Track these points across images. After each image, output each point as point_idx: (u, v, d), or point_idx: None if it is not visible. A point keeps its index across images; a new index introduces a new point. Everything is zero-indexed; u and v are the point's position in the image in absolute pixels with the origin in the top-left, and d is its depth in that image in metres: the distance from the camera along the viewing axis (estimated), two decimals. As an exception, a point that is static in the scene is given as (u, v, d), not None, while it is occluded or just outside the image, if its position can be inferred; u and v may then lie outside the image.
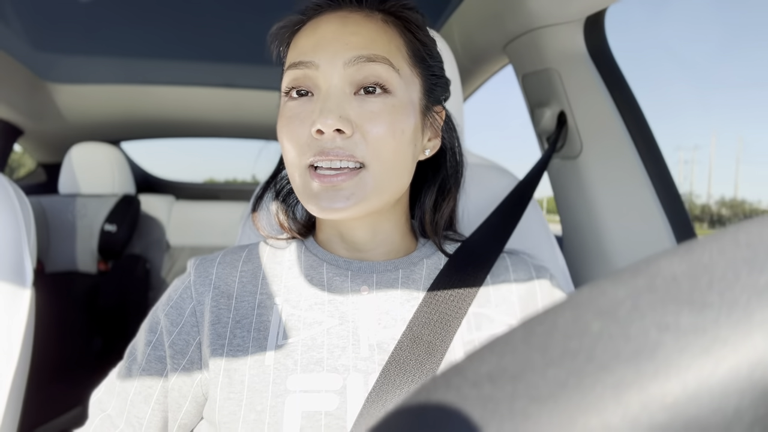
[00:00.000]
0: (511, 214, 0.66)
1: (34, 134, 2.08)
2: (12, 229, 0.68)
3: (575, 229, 1.01)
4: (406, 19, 0.51)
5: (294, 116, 0.48)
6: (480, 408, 0.13)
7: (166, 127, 2.31)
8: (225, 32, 1.48)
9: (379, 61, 0.47)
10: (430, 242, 0.59)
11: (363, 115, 0.46)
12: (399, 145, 0.47)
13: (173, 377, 0.50)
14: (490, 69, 1.27)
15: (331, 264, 0.54)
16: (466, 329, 0.51)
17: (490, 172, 0.82)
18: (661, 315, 0.13)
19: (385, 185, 0.48)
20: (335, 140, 0.45)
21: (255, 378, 0.47)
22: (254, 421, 0.45)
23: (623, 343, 0.13)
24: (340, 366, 0.47)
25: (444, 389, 0.14)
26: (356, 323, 0.50)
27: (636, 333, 0.13)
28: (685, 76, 33.65)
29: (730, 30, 35.24)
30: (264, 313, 0.51)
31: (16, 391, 0.65)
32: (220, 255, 0.57)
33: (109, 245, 1.82)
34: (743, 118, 41.18)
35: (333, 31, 0.48)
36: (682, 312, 0.13)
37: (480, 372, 0.14)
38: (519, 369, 0.13)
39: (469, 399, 0.13)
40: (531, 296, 0.55)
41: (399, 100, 0.48)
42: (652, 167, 0.86)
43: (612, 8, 0.83)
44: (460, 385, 0.14)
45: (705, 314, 0.13)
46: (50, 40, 1.52)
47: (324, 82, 0.47)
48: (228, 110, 2.11)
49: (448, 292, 0.51)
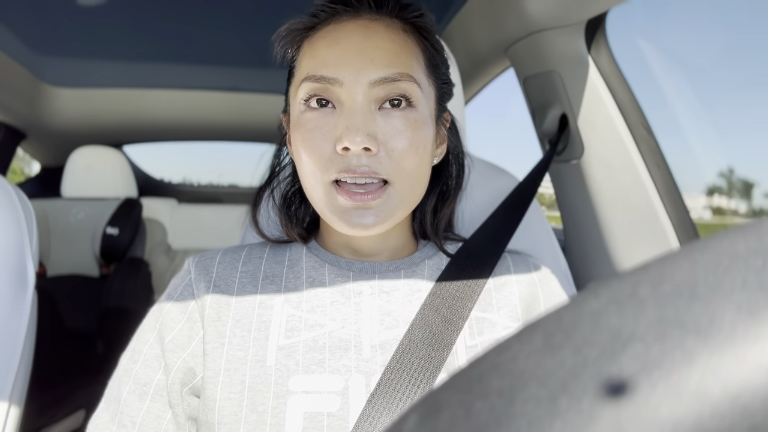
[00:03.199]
0: (512, 214, 0.66)
1: (36, 138, 2.09)
2: (14, 232, 0.68)
3: (577, 230, 1.00)
4: (424, 28, 0.51)
5: (315, 129, 0.47)
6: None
7: (169, 130, 2.32)
8: (228, 35, 1.49)
9: (404, 80, 0.47)
10: (430, 243, 0.59)
11: (388, 132, 0.46)
12: (421, 159, 0.48)
13: (173, 372, 0.49)
14: (491, 72, 1.27)
15: (333, 265, 0.54)
16: (468, 334, 0.50)
17: (492, 174, 0.82)
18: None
19: (407, 199, 0.48)
20: (361, 158, 0.45)
21: (256, 378, 0.47)
22: (256, 422, 0.45)
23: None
24: (342, 367, 0.47)
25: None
26: (358, 324, 0.50)
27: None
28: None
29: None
30: (265, 313, 0.51)
31: (18, 393, 0.65)
32: (219, 254, 0.56)
33: (111, 248, 1.82)
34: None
35: (356, 43, 0.47)
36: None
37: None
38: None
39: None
40: (533, 297, 0.55)
41: (420, 114, 0.48)
42: (655, 169, 0.86)
43: (614, 11, 0.83)
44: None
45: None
46: (53, 43, 1.53)
47: (348, 98, 0.46)
48: (231, 114, 2.12)
49: (450, 294, 0.51)
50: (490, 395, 0.13)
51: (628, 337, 0.13)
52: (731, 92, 2.02)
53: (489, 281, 0.54)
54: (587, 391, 0.12)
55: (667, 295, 0.13)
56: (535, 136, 1.06)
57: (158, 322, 0.52)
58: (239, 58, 1.66)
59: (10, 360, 0.64)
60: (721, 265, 0.14)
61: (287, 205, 0.59)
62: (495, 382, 0.13)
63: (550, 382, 0.13)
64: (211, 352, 0.49)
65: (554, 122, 0.96)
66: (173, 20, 1.39)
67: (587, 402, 0.12)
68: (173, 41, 1.55)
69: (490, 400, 0.13)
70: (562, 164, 0.99)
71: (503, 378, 0.13)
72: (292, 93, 0.52)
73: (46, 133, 2.08)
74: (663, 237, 0.85)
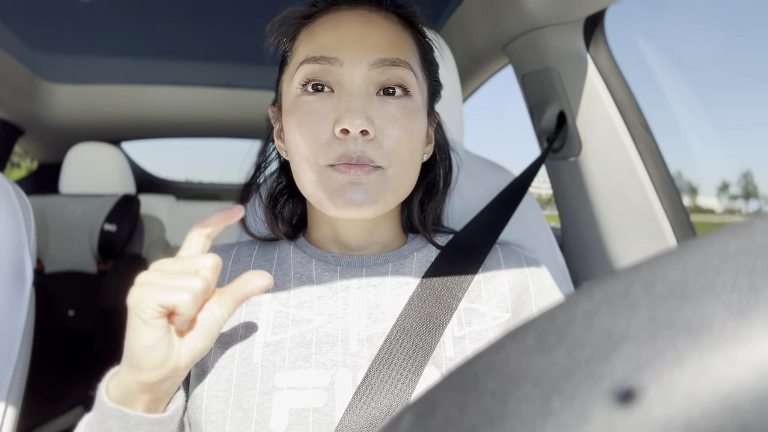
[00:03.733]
0: (504, 207, 0.66)
1: (34, 134, 2.08)
2: (12, 229, 0.68)
3: (575, 228, 1.01)
4: (418, 25, 0.53)
5: (312, 111, 0.47)
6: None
7: (166, 127, 2.31)
8: (225, 32, 1.48)
9: (401, 65, 0.48)
10: (420, 236, 0.59)
11: (384, 117, 0.47)
12: (414, 147, 0.49)
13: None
14: (489, 69, 1.27)
15: (320, 260, 0.54)
16: (456, 324, 0.50)
17: (488, 170, 0.83)
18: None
19: (399, 186, 0.49)
20: (358, 142, 0.45)
21: (242, 376, 0.47)
22: (241, 419, 0.45)
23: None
24: (328, 362, 0.47)
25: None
26: (346, 319, 0.50)
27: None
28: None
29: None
30: (252, 311, 0.51)
31: (15, 390, 0.65)
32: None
33: (109, 245, 1.82)
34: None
35: (356, 30, 0.48)
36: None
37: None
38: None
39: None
40: (524, 289, 0.54)
41: (415, 103, 0.49)
42: (652, 167, 0.86)
43: (612, 8, 0.83)
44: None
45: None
46: (50, 40, 1.52)
47: (347, 79, 0.47)
48: (228, 110, 2.11)
49: (439, 284, 0.51)
50: (484, 395, 0.13)
51: (620, 338, 0.13)
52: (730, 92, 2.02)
53: (479, 274, 0.54)
54: (580, 392, 0.12)
55: (659, 296, 0.13)
56: (532, 134, 1.07)
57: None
58: (236, 55, 1.66)
59: (8, 357, 0.64)
60: (712, 266, 0.14)
61: (273, 204, 0.59)
62: (489, 382, 0.14)
63: (542, 382, 0.13)
64: None
65: (552, 120, 0.96)
66: (170, 17, 1.38)
67: (579, 402, 0.12)
68: (170, 38, 1.54)
69: (483, 401, 0.13)
70: (559, 162, 0.99)
71: (497, 378, 0.13)
72: (286, 80, 0.52)
73: (44, 129, 2.07)
74: (660, 234, 0.85)
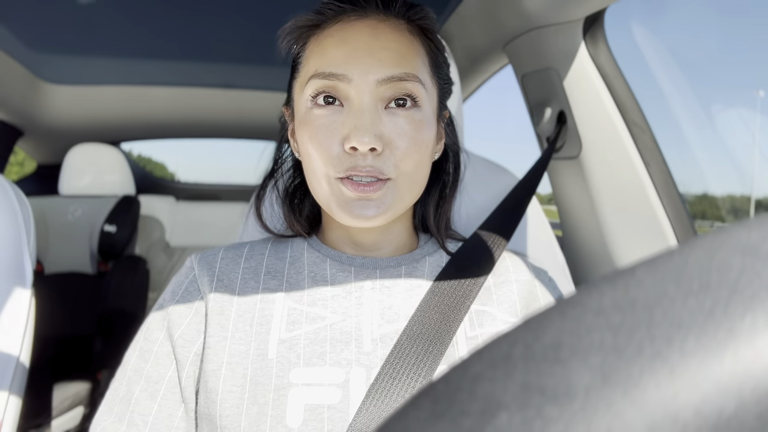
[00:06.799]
0: (512, 213, 0.67)
1: (33, 135, 2.08)
2: (12, 230, 0.68)
3: (575, 228, 1.01)
4: (428, 29, 0.53)
5: (322, 126, 0.48)
6: (611, 335, 0.12)
7: (166, 127, 2.31)
8: (225, 33, 1.48)
9: (410, 80, 0.48)
10: (432, 240, 0.60)
11: (393, 130, 0.47)
12: (422, 157, 0.49)
13: (187, 366, 0.50)
14: (489, 69, 1.27)
15: (334, 260, 0.55)
16: (468, 325, 0.51)
17: (491, 172, 0.82)
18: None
19: (407, 195, 0.50)
20: (367, 158, 0.46)
21: (258, 371, 0.47)
22: (257, 414, 0.45)
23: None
24: (342, 360, 0.48)
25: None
26: (359, 318, 0.50)
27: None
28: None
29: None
30: (266, 308, 0.51)
31: (16, 391, 0.65)
32: (221, 250, 0.57)
33: (109, 246, 1.82)
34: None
35: (364, 43, 0.48)
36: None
37: (603, 303, 0.13)
38: (653, 299, 0.13)
39: (595, 327, 0.13)
40: (533, 297, 0.55)
41: (424, 114, 0.49)
42: (652, 166, 0.86)
43: (612, 8, 0.83)
44: (582, 314, 0.13)
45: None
46: (50, 41, 1.52)
47: (356, 95, 0.47)
48: (228, 111, 2.11)
49: (451, 288, 0.52)
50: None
51: (497, 406, 0.12)
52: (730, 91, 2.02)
53: (488, 280, 0.55)
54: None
55: (534, 358, 0.13)
56: (533, 134, 1.07)
57: (165, 319, 0.52)
58: (236, 55, 1.66)
59: (8, 357, 0.64)
60: (585, 323, 0.13)
61: (290, 200, 0.60)
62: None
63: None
64: (213, 346, 0.49)
65: (552, 119, 0.96)
66: (171, 17, 1.38)
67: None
68: (170, 38, 1.54)
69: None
70: (559, 161, 0.99)
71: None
72: (297, 89, 0.52)
73: (44, 130, 2.07)
74: (660, 233, 0.85)
